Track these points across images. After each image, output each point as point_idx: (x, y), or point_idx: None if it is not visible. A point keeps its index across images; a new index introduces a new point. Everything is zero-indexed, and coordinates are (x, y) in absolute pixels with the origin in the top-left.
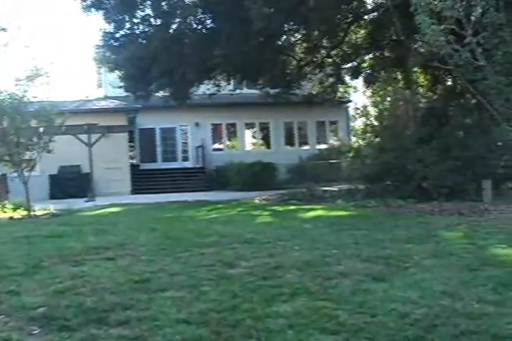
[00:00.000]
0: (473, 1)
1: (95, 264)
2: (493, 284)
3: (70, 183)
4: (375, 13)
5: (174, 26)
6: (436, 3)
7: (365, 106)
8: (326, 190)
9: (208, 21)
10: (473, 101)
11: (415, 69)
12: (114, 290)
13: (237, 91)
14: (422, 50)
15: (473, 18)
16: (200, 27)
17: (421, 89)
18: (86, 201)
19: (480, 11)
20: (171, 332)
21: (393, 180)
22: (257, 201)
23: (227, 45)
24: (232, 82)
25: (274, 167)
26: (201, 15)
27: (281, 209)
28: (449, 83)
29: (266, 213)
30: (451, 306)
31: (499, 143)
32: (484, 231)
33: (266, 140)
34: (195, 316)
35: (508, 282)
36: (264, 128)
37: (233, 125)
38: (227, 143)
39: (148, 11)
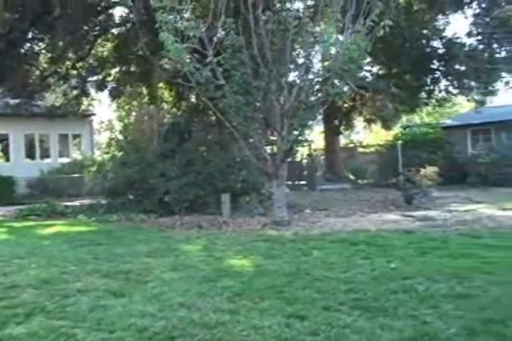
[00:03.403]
0: (216, 23)
1: None
2: (228, 294)
3: None
4: (123, 28)
5: None
6: (180, 22)
7: (110, 120)
8: (67, 205)
9: None
10: (214, 118)
11: (160, 85)
12: None
13: None
14: (166, 66)
15: (215, 39)
16: None
17: (166, 105)
18: None
19: (222, 32)
20: None
21: (135, 194)
22: None
23: None
24: None
25: (13, 181)
26: None
27: (18, 225)
28: (193, 100)
29: (1, 230)
30: (188, 317)
31: (238, 159)
32: (222, 244)
33: (5, 152)
34: None
35: (242, 291)
36: (3, 140)
37: None
38: None
39: None
